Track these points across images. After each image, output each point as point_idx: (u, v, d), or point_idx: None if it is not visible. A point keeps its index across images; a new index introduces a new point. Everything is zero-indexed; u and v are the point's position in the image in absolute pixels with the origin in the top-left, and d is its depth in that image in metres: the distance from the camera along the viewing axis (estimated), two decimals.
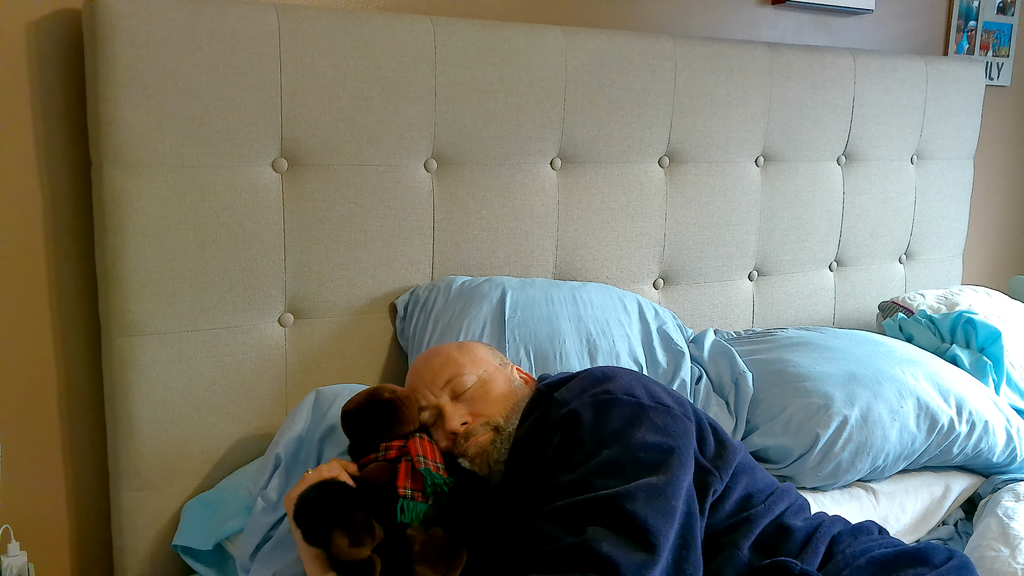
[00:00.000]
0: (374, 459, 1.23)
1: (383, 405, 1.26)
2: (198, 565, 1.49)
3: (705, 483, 1.17)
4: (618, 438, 1.14)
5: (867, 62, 2.28)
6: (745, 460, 1.27)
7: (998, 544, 1.48)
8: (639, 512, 1.05)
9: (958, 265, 2.64)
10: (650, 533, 1.04)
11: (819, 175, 2.26)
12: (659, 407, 1.20)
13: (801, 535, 1.20)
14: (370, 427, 1.26)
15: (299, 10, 1.57)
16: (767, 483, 1.27)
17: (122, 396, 1.49)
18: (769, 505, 1.22)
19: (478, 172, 1.78)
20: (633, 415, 1.18)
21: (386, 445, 1.24)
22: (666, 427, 1.17)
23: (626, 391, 1.22)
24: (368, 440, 1.26)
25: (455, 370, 1.33)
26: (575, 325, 1.68)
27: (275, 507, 1.35)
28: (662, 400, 1.23)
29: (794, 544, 1.18)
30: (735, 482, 1.22)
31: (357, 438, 1.28)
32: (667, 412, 1.20)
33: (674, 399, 1.25)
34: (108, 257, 1.46)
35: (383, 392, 1.27)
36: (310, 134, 1.59)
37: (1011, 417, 1.75)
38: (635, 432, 1.15)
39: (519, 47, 1.77)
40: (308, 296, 1.64)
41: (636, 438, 1.14)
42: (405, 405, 1.27)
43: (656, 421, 1.17)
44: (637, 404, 1.20)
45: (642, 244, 2.00)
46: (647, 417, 1.18)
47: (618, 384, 1.24)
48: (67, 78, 1.50)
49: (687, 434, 1.19)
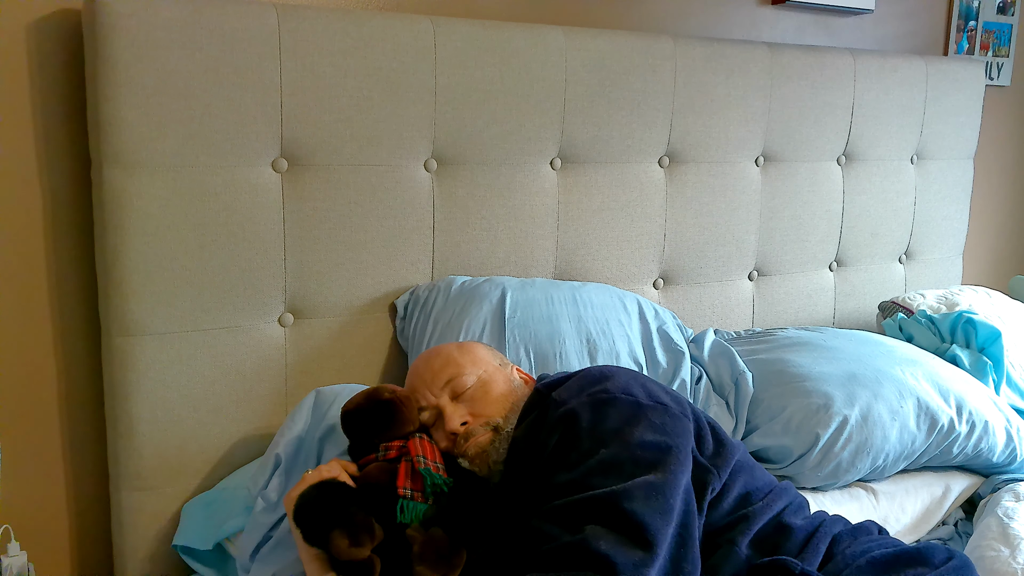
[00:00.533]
0: (374, 459, 1.23)
1: (383, 405, 1.26)
2: (198, 565, 1.49)
3: (703, 481, 1.17)
4: (616, 437, 1.15)
5: (867, 62, 2.28)
6: (744, 459, 1.27)
7: (998, 544, 1.48)
8: (637, 510, 1.05)
9: (958, 265, 2.64)
10: (647, 531, 1.04)
11: (819, 175, 2.26)
12: (657, 406, 1.21)
13: (801, 534, 1.20)
14: (370, 427, 1.26)
15: (299, 10, 1.57)
16: (766, 482, 1.27)
17: (122, 396, 1.49)
18: (768, 503, 1.22)
19: (478, 172, 1.78)
20: (631, 414, 1.18)
21: (386, 445, 1.24)
22: (664, 426, 1.17)
23: (624, 390, 1.22)
24: (368, 440, 1.26)
25: (455, 370, 1.33)
26: (575, 325, 1.68)
27: (275, 507, 1.35)
28: (660, 399, 1.23)
29: (794, 543, 1.18)
30: (733, 480, 1.22)
31: (357, 438, 1.28)
32: (665, 411, 1.20)
33: (672, 398, 1.25)
34: (108, 257, 1.46)
35: (383, 392, 1.27)
36: (310, 134, 1.59)
37: (1011, 417, 1.75)
38: (633, 431, 1.15)
39: (519, 47, 1.77)
40: (308, 296, 1.64)
41: (634, 437, 1.14)
42: (405, 405, 1.27)
43: (654, 420, 1.17)
44: (635, 403, 1.20)
45: (642, 244, 2.00)
46: (645, 416, 1.18)
47: (616, 383, 1.24)
48: (67, 78, 1.50)
49: (685, 433, 1.19)
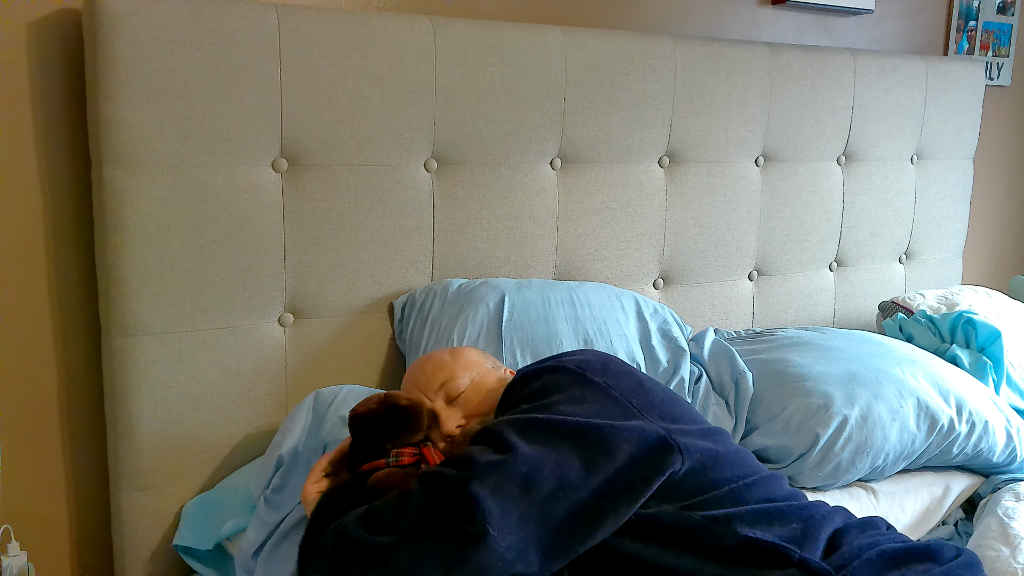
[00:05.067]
0: (384, 464, 1.23)
1: (399, 411, 1.26)
2: (198, 565, 1.49)
3: (664, 461, 1.13)
4: (539, 398, 1.16)
5: (867, 62, 2.28)
6: (727, 447, 1.23)
7: (998, 544, 1.48)
8: (512, 441, 1.07)
9: (958, 265, 2.64)
10: (507, 444, 1.06)
11: (819, 175, 2.26)
12: (603, 385, 1.18)
13: (796, 520, 1.16)
14: (383, 432, 1.26)
15: (299, 10, 1.57)
16: (756, 468, 1.23)
17: (122, 396, 1.49)
18: (757, 486, 1.18)
19: (478, 172, 1.78)
20: (567, 383, 1.18)
21: (397, 451, 1.24)
22: (594, 404, 1.15)
23: (578, 364, 1.21)
24: (379, 445, 1.26)
25: (448, 374, 1.34)
26: (572, 326, 1.68)
27: (277, 507, 1.35)
28: (610, 382, 1.20)
29: (787, 529, 1.15)
30: (713, 463, 1.17)
31: (368, 441, 1.27)
32: (606, 393, 1.17)
33: (627, 385, 1.22)
34: (108, 257, 1.46)
35: (399, 399, 1.27)
36: (310, 134, 1.59)
37: (1011, 417, 1.75)
38: (556, 397, 1.15)
39: (519, 47, 1.77)
40: (308, 296, 1.64)
41: (554, 403, 1.14)
42: (421, 413, 1.28)
43: (586, 395, 1.16)
44: (579, 376, 1.19)
45: (642, 244, 2.00)
46: (580, 390, 1.17)
47: (576, 358, 1.24)
48: (67, 78, 1.50)
49: (611, 417, 1.15)
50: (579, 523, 1.06)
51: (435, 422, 1.31)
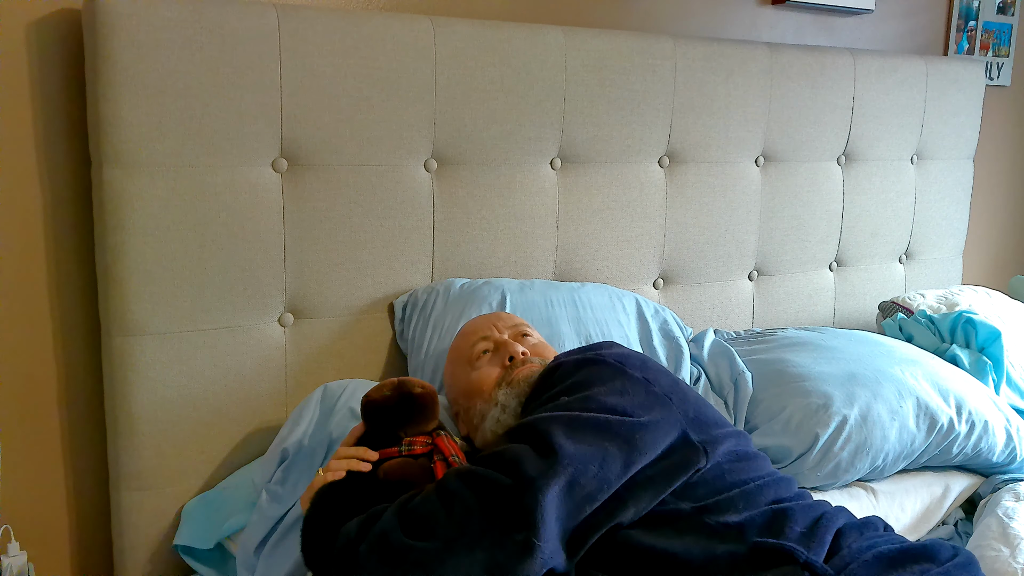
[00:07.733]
0: (396, 453, 1.22)
1: (412, 399, 1.25)
2: (198, 565, 1.49)
3: (690, 460, 1.16)
4: (581, 390, 1.17)
5: (867, 62, 2.28)
6: (743, 447, 1.25)
7: (998, 544, 1.48)
8: (551, 432, 1.08)
9: (958, 265, 2.64)
10: (553, 442, 1.07)
11: (819, 175, 2.26)
12: (643, 380, 1.20)
13: (804, 521, 1.17)
14: (395, 419, 1.25)
15: (299, 10, 1.57)
16: (768, 471, 1.25)
17: (122, 396, 1.50)
18: (767, 487, 1.19)
19: (478, 172, 1.78)
20: (609, 376, 1.19)
21: (410, 440, 1.24)
22: (635, 397, 1.17)
23: (617, 358, 1.23)
24: (392, 432, 1.25)
25: (524, 325, 1.47)
26: (574, 327, 1.69)
27: (281, 500, 1.35)
28: (649, 377, 1.22)
29: (795, 531, 1.16)
30: (732, 465, 1.20)
31: (380, 428, 1.27)
32: (646, 387, 1.19)
33: (667, 385, 1.24)
34: (108, 257, 1.46)
35: (413, 386, 1.26)
36: (310, 134, 1.59)
37: (1011, 417, 1.75)
38: (600, 389, 1.16)
39: (519, 47, 1.77)
40: (308, 296, 1.64)
41: (598, 395, 1.15)
42: (434, 402, 1.27)
43: (628, 389, 1.17)
44: (619, 369, 1.20)
45: (642, 244, 2.00)
46: (622, 382, 1.18)
47: (614, 351, 1.26)
48: (67, 78, 1.50)
49: (651, 411, 1.17)
50: (601, 514, 1.09)
51: (498, 350, 1.38)
